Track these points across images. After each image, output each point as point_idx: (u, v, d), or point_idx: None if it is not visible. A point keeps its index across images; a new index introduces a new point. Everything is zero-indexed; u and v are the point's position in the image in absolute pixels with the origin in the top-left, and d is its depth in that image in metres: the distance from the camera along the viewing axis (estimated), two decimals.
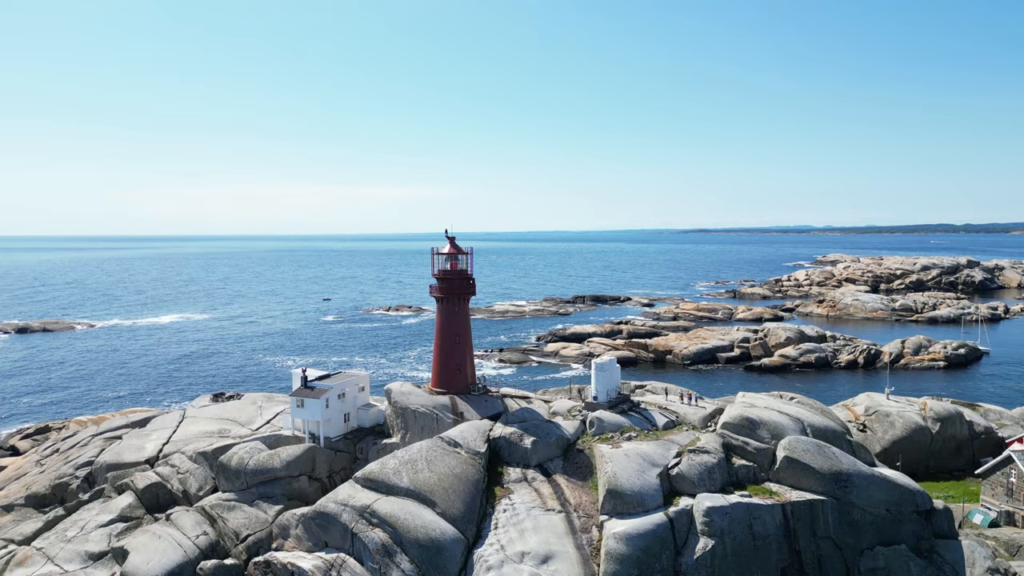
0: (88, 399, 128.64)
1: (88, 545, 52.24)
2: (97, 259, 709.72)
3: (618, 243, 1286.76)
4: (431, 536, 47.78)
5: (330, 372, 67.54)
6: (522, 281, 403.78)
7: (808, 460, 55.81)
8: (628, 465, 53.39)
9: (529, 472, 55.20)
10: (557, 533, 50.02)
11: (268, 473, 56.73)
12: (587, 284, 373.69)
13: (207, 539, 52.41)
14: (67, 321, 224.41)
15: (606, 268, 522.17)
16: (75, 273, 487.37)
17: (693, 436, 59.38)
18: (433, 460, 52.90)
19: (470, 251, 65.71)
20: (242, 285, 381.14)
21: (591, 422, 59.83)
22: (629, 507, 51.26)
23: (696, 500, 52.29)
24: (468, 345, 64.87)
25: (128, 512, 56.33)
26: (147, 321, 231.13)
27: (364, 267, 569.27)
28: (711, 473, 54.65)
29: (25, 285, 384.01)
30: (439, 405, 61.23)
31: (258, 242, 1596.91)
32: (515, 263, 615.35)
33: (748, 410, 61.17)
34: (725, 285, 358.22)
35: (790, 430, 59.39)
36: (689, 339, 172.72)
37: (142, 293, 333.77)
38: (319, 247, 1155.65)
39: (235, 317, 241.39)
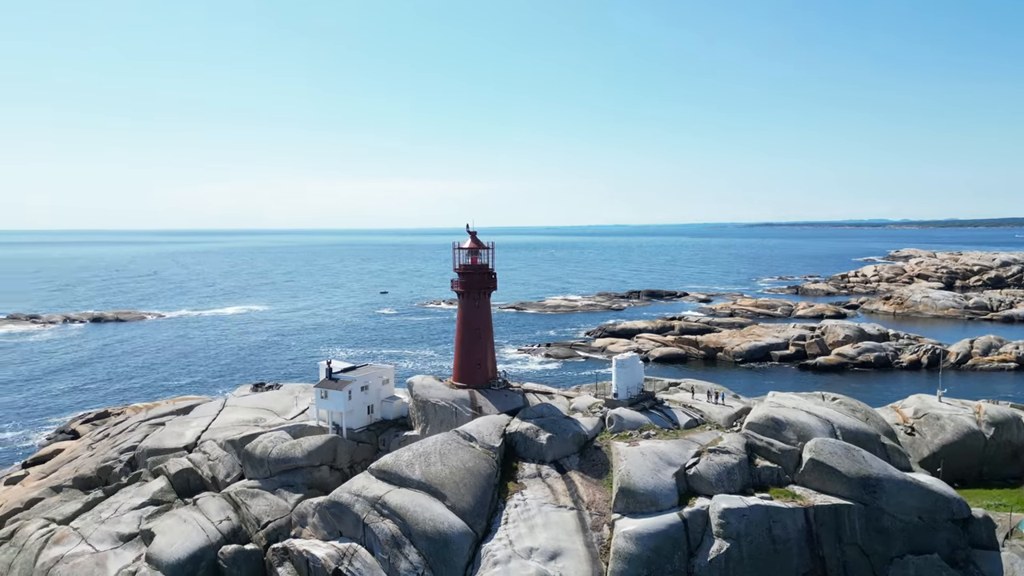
0: (149, 386, 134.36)
1: (120, 527, 54.72)
2: (171, 252, 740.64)
3: (681, 237, 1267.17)
4: (439, 529, 48.18)
5: (356, 364, 68.76)
6: (580, 276, 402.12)
7: (835, 463, 53.88)
8: (643, 463, 52.62)
9: (544, 468, 55.02)
10: (567, 530, 49.73)
11: (290, 462, 58.23)
12: (646, 279, 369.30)
13: (230, 524, 54.19)
14: (139, 311, 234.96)
15: (668, 263, 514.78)
16: (153, 265, 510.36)
17: (716, 436, 58.10)
18: (447, 453, 53.29)
19: (491, 246, 65.73)
20: (308, 278, 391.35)
21: (610, 419, 59.21)
22: (642, 506, 50.54)
23: (712, 501, 51.17)
24: (489, 340, 64.97)
25: (160, 496, 58.76)
26: (212, 312, 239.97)
27: (426, 261, 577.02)
28: (730, 474, 53.36)
29: (104, 277, 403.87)
30: (458, 399, 61.63)
31: (320, 236, 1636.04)
32: (574, 257, 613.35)
33: (775, 410, 59.44)
34: (788, 281, 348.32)
35: (818, 432, 57.44)
36: (742, 336, 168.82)
37: (212, 285, 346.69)
38: (380, 241, 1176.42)
39: (295, 309, 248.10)
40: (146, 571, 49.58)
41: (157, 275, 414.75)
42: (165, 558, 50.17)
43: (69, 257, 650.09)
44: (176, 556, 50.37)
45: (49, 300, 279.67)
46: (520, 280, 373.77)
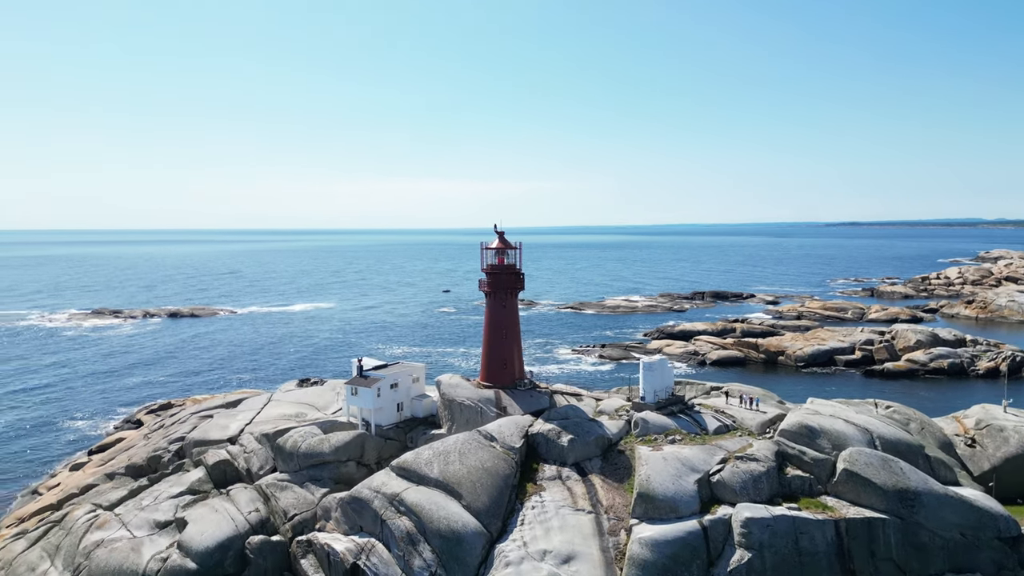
0: (213, 380, 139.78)
1: (157, 514, 57.17)
2: (252, 251, 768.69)
3: (756, 237, 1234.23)
4: (452, 528, 48.41)
5: (388, 363, 69.71)
6: (647, 276, 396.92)
7: (870, 474, 51.62)
8: (664, 469, 51.57)
9: (564, 470, 54.57)
10: (583, 534, 49.18)
11: (317, 457, 59.59)
12: (715, 280, 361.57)
13: (258, 515, 55.87)
14: (212, 308, 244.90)
15: (739, 263, 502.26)
16: (234, 263, 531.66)
17: (745, 442, 56.41)
18: (466, 453, 53.49)
19: (519, 246, 65.58)
20: (379, 277, 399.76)
21: (635, 423, 58.24)
22: (661, 512, 49.57)
23: (735, 509, 49.76)
24: (515, 340, 64.83)
25: (197, 486, 61.08)
26: (281, 309, 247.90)
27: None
28: (757, 482, 51.74)
29: (188, 274, 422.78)
30: (483, 398, 61.73)
31: (392, 236, 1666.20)
32: (642, 257, 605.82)
33: (809, 417, 57.29)
34: (864, 283, 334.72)
35: (854, 441, 55.08)
36: (806, 339, 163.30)
37: (288, 283, 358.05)
38: (450, 241, 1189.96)
39: (360, 307, 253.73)
40: (176, 558, 51.64)
41: (236, 273, 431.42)
42: (195, 546, 52.15)
43: (160, 256, 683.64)
44: (205, 544, 52.28)
45: (136, 295, 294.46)
46: (584, 280, 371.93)
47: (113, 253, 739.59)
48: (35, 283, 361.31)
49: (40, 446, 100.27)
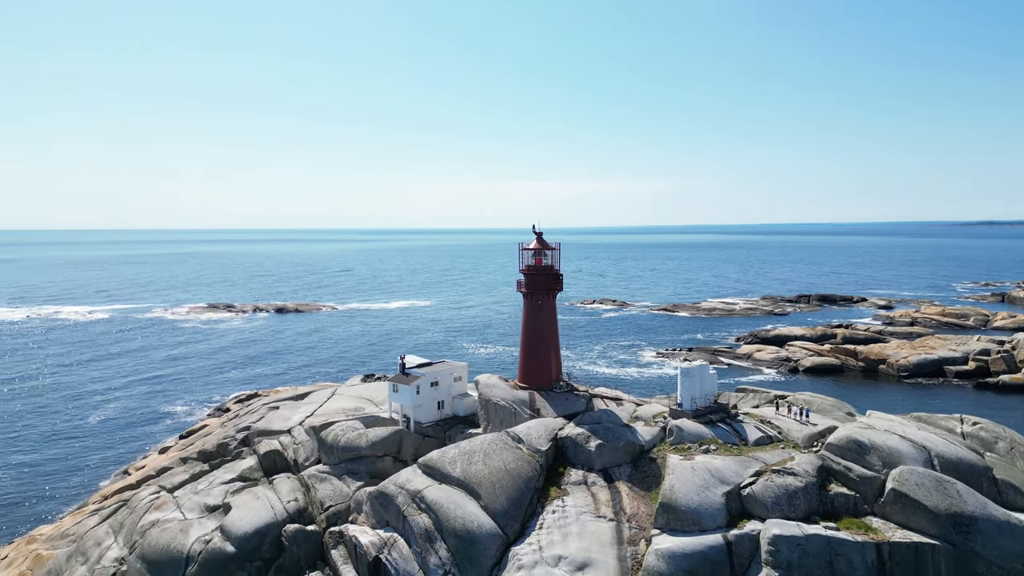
0: (302, 372, 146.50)
1: (209, 498, 60.54)
2: (365, 249, 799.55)
3: (883, 237, 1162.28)
4: (468, 528, 48.50)
5: (432, 361, 70.63)
6: (754, 276, 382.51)
7: (920, 496, 47.72)
8: (691, 479, 49.61)
9: (591, 476, 53.49)
10: (601, 542, 48.07)
11: (355, 451, 61.23)
12: (828, 281, 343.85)
13: (296, 505, 58.11)
14: (316, 304, 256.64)
15: (861, 265, 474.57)
16: (348, 262, 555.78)
17: (787, 455, 53.36)
18: (490, 453, 53.45)
19: (557, 247, 64.77)
20: (484, 276, 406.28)
21: (670, 430, 56.30)
22: (683, 524, 47.72)
23: (764, 525, 47.18)
24: (552, 342, 64.06)
25: (247, 473, 64.19)
26: (380, 306, 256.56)
27: (596, 260, 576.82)
28: (792, 498, 48.84)
29: (303, 271, 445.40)
30: (518, 400, 61.43)
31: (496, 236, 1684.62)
32: (754, 258, 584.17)
33: (861, 431, 53.51)
34: (995, 287, 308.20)
35: (908, 459, 50.98)
36: (912, 347, 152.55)
37: (400, 281, 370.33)
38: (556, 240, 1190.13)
39: (453, 305, 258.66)
40: (218, 541, 54.50)
41: (349, 271, 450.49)
42: (235, 530, 54.85)
43: (281, 254, 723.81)
44: (244, 530, 54.89)
45: (251, 291, 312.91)
46: (685, 281, 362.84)
47: (240, 251, 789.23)
48: (168, 279, 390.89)
49: (140, 429, 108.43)
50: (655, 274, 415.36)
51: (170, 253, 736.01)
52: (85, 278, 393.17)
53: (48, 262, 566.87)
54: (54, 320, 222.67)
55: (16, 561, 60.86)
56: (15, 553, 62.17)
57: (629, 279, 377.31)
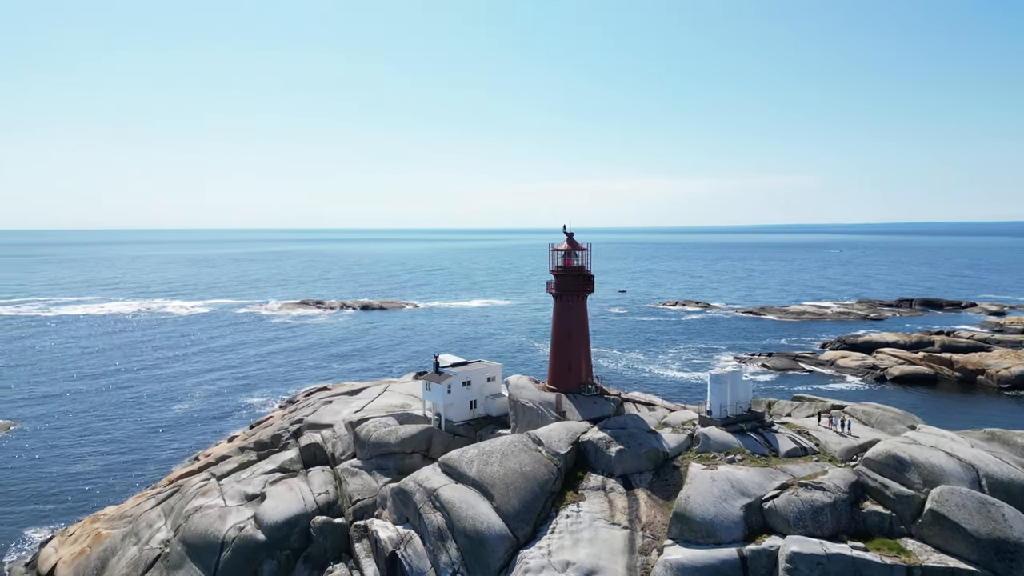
0: (374, 368, 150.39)
1: (249, 487, 63.10)
2: (453, 249, 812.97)
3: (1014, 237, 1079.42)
4: (478, 528, 48.44)
5: (468, 360, 70.86)
6: (857, 278, 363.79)
7: (960, 518, 44.18)
8: (709, 489, 47.73)
9: (610, 482, 52.31)
10: (612, 549, 46.96)
11: (385, 447, 62.29)
12: (937, 285, 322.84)
13: (327, 498, 59.73)
14: (399, 301, 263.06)
15: (984, 268, 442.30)
16: (442, 260, 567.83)
17: (819, 468, 50.53)
18: (508, 455, 53.17)
19: (588, 247, 63.59)
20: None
21: (697, 438, 54.32)
22: (697, 535, 46.00)
23: (784, 542, 44.86)
24: (582, 344, 62.95)
25: (288, 464, 66.52)
26: (460, 304, 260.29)
27: (695, 260, 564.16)
28: (818, 514, 46.19)
29: (399, 268, 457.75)
30: (544, 401, 60.78)
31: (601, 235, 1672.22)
32: (859, 259, 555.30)
33: (902, 447, 49.99)
34: None
35: (953, 478, 47.23)
36: (1018, 357, 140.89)
37: (490, 279, 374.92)
38: (662, 240, 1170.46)
39: (530, 303, 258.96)
40: (250, 529, 56.76)
41: (442, 270, 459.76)
42: (266, 519, 56.95)
43: (379, 252, 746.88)
44: (275, 519, 56.90)
45: (342, 288, 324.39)
46: (781, 282, 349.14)
47: (338, 250, 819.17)
48: (271, 276, 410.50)
49: (218, 419, 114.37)
50: (752, 275, 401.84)
51: (278, 251, 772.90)
52: (197, 275, 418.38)
53: (167, 259, 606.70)
54: (160, 314, 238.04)
55: (80, 538, 65.45)
56: (80, 531, 66.86)
57: (722, 280, 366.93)
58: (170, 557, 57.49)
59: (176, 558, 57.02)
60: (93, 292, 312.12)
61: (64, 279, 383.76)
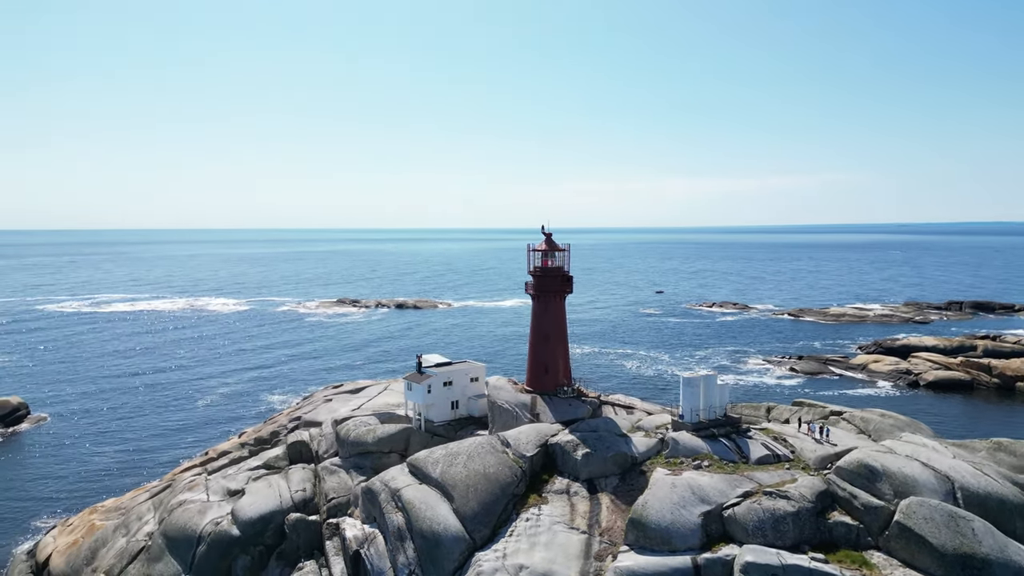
0: (399, 366, 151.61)
1: (233, 483, 64.17)
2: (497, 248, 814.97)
3: None
4: (434, 529, 48.19)
5: (452, 360, 70.65)
6: (908, 279, 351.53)
7: (927, 532, 42.18)
8: (668, 496, 46.55)
9: (575, 485, 51.47)
10: (568, 554, 46.17)
11: (362, 446, 62.54)
12: (994, 287, 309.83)
13: (303, 495, 60.30)
14: (434, 300, 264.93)
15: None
16: (490, 259, 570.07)
17: (789, 476, 48.83)
18: (474, 456, 52.79)
19: (567, 248, 62.65)
20: (606, 275, 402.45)
21: (666, 443, 53.07)
22: (652, 542, 44.92)
23: (740, 551, 43.47)
24: (559, 345, 62.03)
25: (273, 462, 67.41)
26: (494, 304, 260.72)
27: (736, 260, 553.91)
28: (779, 523, 44.62)
29: (444, 267, 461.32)
30: (520, 403, 60.15)
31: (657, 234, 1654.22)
32: (913, 259, 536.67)
33: (876, 456, 47.95)
34: None
35: (925, 489, 45.08)
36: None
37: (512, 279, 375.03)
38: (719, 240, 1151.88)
39: (567, 304, 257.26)
40: (226, 524, 57.73)
41: (490, 269, 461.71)
42: (242, 515, 57.82)
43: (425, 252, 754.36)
44: (249, 515, 57.69)
45: (381, 287, 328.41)
46: (825, 282, 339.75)
47: (388, 250, 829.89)
48: (317, 275, 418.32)
49: (236, 414, 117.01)
50: (802, 276, 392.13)
51: (331, 251, 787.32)
52: (245, 274, 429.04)
53: (221, 258, 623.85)
54: (203, 312, 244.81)
55: (77, 529, 67.63)
56: (79, 521, 69.05)
57: (757, 280, 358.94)
58: (151, 550, 58.90)
59: (156, 551, 58.39)
60: (144, 290, 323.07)
61: (120, 277, 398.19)
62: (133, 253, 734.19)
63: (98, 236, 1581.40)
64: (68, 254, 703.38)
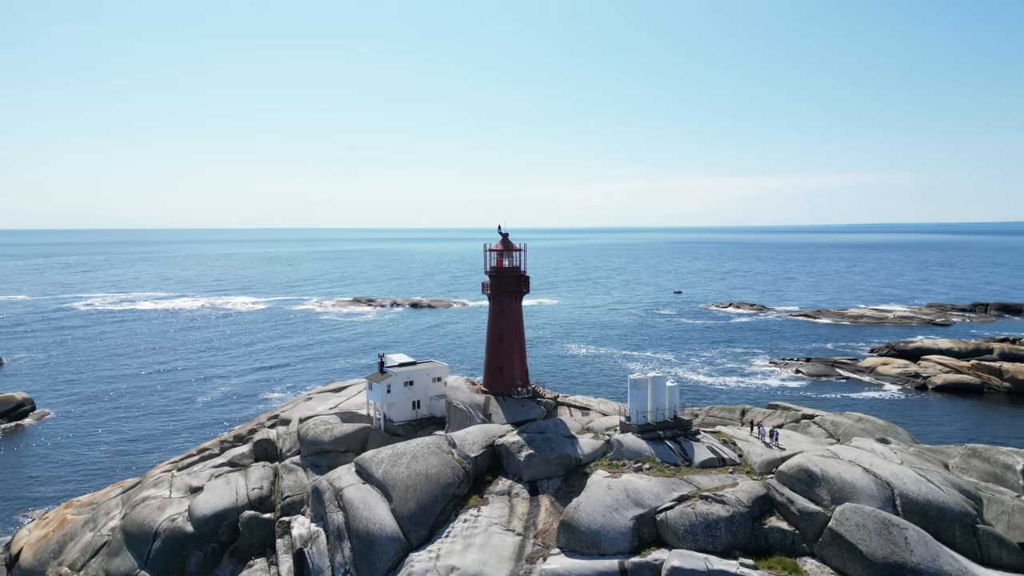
0: None
1: (195, 480, 64.89)
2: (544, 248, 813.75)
3: None
4: (369, 529, 48.15)
5: (417, 360, 70.59)
6: (942, 280, 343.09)
7: (858, 539, 41.07)
8: (601, 498, 45.91)
9: (517, 486, 51.04)
10: (500, 556, 45.82)
11: (318, 445, 62.82)
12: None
13: (259, 493, 60.72)
14: (448, 300, 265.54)
15: None
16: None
17: (730, 480, 47.86)
18: (418, 456, 52.63)
19: (523, 248, 62.14)
20: (626, 275, 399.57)
21: (611, 444, 52.39)
22: (582, 545, 44.36)
23: (667, 555, 42.74)
24: (515, 346, 61.53)
25: (238, 459, 68.09)
26: None
27: (771, 261, 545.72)
28: (710, 528, 43.74)
29: (464, 269, 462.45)
30: (474, 403, 59.84)
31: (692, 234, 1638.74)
32: (949, 260, 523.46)
33: (818, 460, 46.77)
34: None
35: (863, 496, 43.84)
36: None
37: (544, 279, 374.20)
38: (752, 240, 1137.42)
39: (579, 304, 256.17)
40: (181, 521, 58.42)
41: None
42: (197, 512, 58.45)
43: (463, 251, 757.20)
44: (204, 512, 58.28)
45: (404, 286, 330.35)
46: (853, 283, 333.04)
47: (417, 249, 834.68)
48: (337, 274, 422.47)
49: (233, 412, 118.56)
50: (833, 276, 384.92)
51: (360, 250, 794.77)
52: (271, 273, 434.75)
53: (251, 258, 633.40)
54: (221, 310, 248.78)
55: (51, 523, 69.07)
56: (54, 516, 70.53)
57: (794, 281, 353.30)
58: (111, 544, 59.87)
59: (115, 546, 59.30)
60: (171, 288, 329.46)
61: (151, 276, 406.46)
62: (168, 252, 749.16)
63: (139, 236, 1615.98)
64: (104, 253, 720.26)
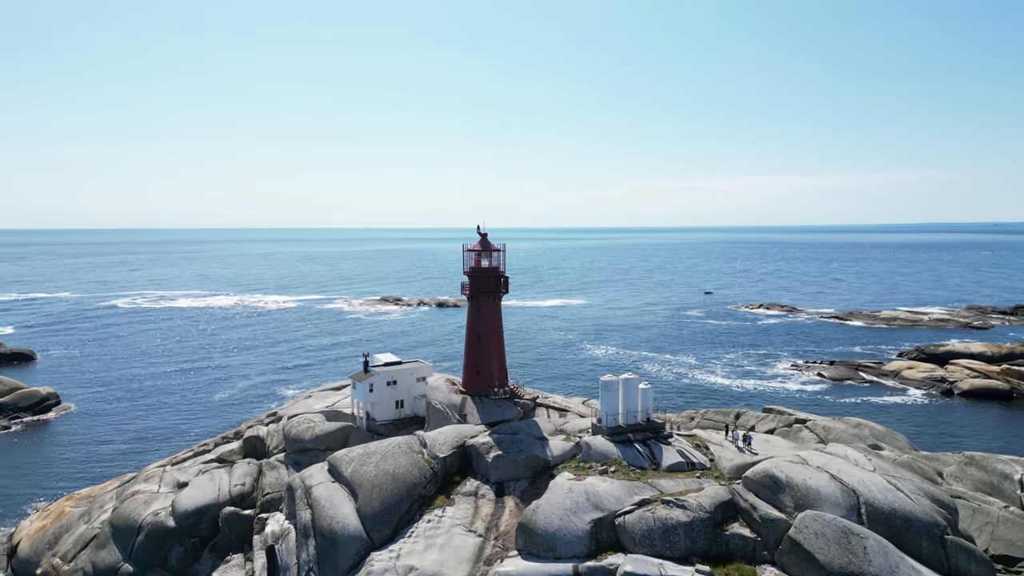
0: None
1: (183, 475, 65.97)
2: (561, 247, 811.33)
3: None
4: (333, 528, 48.31)
5: (403, 360, 70.64)
6: (990, 283, 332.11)
7: (815, 548, 39.87)
8: (560, 501, 45.34)
9: (484, 488, 50.73)
10: (460, 558, 45.59)
11: (300, 443, 63.32)
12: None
13: (241, 489, 61.42)
14: None
15: None
16: (542, 259, 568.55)
17: (695, 485, 46.86)
18: (387, 456, 52.65)
19: (502, 248, 61.65)
20: (662, 275, 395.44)
21: (580, 447, 51.69)
22: (538, 548, 43.88)
23: (622, 560, 42.03)
24: (493, 347, 61.07)
25: (227, 455, 69.04)
26: (532, 304, 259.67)
27: (816, 262, 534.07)
28: (669, 533, 42.88)
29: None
30: (451, 403, 59.65)
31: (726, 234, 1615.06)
32: (1011, 261, 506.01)
33: (784, 466, 45.49)
34: None
35: (827, 503, 42.49)
36: None
37: (577, 279, 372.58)
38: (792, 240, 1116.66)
39: (607, 305, 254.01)
40: (164, 515, 59.49)
41: (535, 268, 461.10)
42: (179, 507, 59.44)
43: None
44: (186, 507, 59.21)
45: (437, 285, 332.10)
46: (903, 286, 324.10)
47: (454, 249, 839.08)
48: (373, 273, 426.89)
49: (246, 409, 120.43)
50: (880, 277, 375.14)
51: (398, 249, 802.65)
52: (308, 272, 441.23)
53: (292, 257, 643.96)
54: (252, 308, 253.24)
55: (51, 514, 71.02)
56: (54, 508, 72.51)
57: (840, 282, 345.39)
58: (99, 537, 61.25)
59: (103, 539, 60.60)
60: (208, 286, 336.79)
61: (192, 275, 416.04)
62: (213, 251, 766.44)
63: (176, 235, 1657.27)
64: (152, 252, 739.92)
